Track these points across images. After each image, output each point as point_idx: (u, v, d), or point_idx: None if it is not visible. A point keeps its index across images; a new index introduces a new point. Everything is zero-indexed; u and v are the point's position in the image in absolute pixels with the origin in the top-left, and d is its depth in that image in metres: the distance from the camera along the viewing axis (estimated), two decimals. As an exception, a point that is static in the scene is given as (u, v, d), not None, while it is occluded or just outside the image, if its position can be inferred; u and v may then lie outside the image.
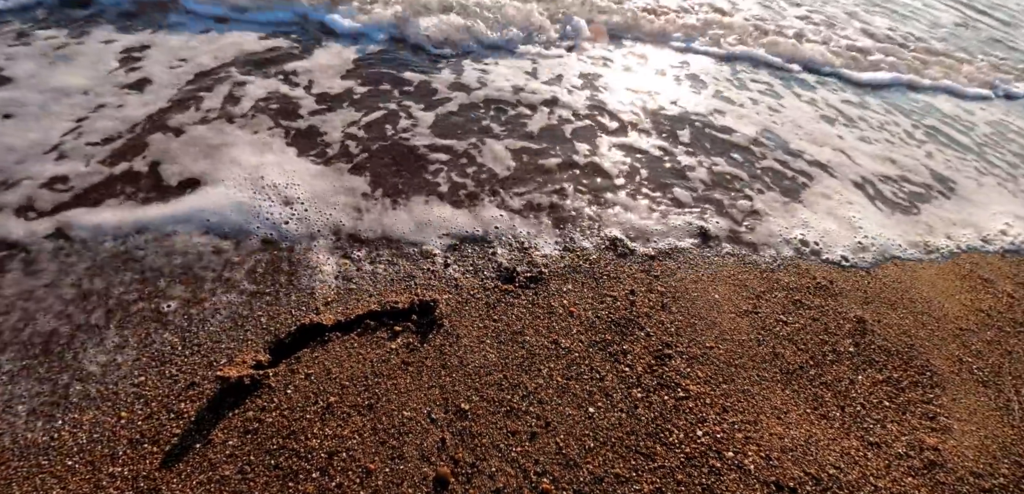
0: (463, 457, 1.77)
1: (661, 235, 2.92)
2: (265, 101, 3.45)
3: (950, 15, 9.10)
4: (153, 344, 1.98)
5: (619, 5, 5.99)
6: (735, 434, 1.98)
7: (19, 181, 2.55)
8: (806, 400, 2.19)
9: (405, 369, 2.02)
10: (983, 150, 4.95)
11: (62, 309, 2.05)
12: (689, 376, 2.17)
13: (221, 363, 1.95)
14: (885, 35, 7.28)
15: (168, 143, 2.94)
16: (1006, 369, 2.55)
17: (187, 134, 3.03)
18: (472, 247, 2.63)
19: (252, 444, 1.73)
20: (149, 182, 2.69)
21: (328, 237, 2.55)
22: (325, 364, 2.00)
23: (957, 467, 2.05)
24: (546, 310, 2.36)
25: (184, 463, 1.66)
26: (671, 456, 1.88)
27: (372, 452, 1.75)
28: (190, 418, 1.78)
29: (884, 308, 2.74)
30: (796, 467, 1.92)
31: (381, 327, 2.17)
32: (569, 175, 3.28)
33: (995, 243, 3.52)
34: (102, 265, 2.24)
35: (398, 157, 3.17)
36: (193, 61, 3.73)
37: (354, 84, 3.82)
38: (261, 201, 2.64)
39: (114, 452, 1.67)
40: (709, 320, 2.45)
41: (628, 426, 1.95)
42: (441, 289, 2.38)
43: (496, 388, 2.00)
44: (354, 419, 1.83)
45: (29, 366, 1.86)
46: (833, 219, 3.35)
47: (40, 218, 2.40)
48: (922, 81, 6.11)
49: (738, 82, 5.12)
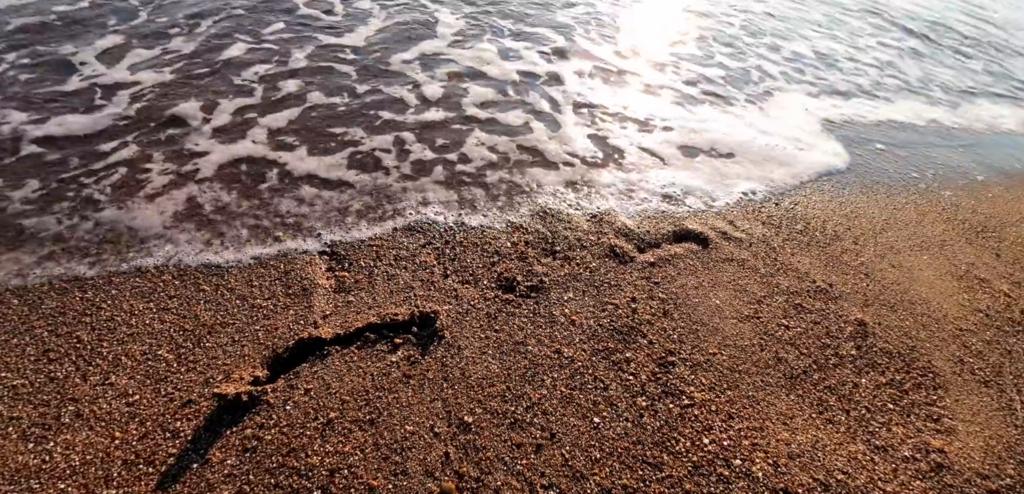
0: (468, 471, 1.74)
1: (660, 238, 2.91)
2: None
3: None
4: (148, 361, 1.94)
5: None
6: (742, 441, 1.96)
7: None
8: (811, 405, 2.18)
9: (406, 382, 1.99)
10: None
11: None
12: (693, 383, 2.15)
13: (218, 380, 1.91)
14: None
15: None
16: (1007, 369, 2.55)
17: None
18: (472, 255, 2.61)
19: (251, 463, 1.69)
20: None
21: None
22: (325, 379, 1.96)
23: (964, 469, 2.04)
24: (548, 319, 2.33)
25: (181, 484, 1.62)
26: (678, 465, 1.85)
27: (375, 469, 1.71)
28: (187, 437, 1.74)
29: (884, 310, 2.74)
30: (804, 473, 1.90)
31: (381, 340, 2.14)
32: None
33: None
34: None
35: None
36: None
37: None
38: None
39: (108, 474, 1.62)
40: (711, 326, 2.44)
41: (634, 436, 1.92)
42: (441, 300, 2.35)
43: (499, 400, 1.97)
44: (355, 435, 1.80)
45: (19, 386, 1.81)
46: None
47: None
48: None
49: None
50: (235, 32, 4.42)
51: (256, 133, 3.26)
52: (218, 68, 3.88)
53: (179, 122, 3.27)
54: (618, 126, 4.00)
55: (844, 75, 5.80)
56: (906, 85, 5.94)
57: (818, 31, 7.04)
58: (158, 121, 3.26)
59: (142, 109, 3.34)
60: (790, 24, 7.03)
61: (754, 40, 6.19)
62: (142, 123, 3.22)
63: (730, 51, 5.76)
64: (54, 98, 3.31)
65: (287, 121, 3.42)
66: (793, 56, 5.99)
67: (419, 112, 3.74)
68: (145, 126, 3.20)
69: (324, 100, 3.70)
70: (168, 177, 2.84)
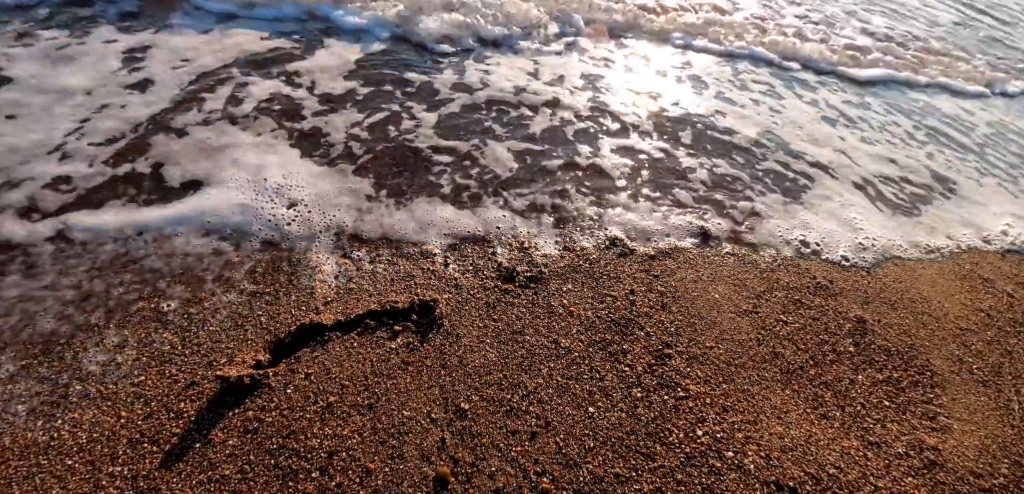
0: (463, 457, 1.77)
1: (661, 235, 2.92)
2: (268, 102, 3.45)
3: (949, 14, 9.10)
4: (153, 343, 1.99)
5: (620, 3, 5.99)
6: (735, 434, 1.98)
7: (21, 181, 2.56)
8: (806, 400, 2.19)
9: (405, 369, 2.02)
10: (983, 150, 4.95)
11: (62, 310, 2.05)
12: (689, 376, 2.17)
13: (221, 363, 1.95)
14: (884, 34, 7.28)
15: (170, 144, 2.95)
16: (1006, 369, 2.54)
17: (190, 136, 3.04)
18: (472, 247, 2.63)
19: (252, 444, 1.73)
20: (151, 184, 2.70)
21: (329, 237, 2.56)
22: (325, 364, 2.00)
23: (957, 467, 2.04)
24: (546, 310, 2.36)
25: (184, 463, 1.67)
26: (671, 456, 1.88)
27: (372, 452, 1.75)
28: (190, 418, 1.78)
29: (884, 308, 2.73)
30: (796, 467, 1.92)
31: (381, 327, 2.17)
32: (570, 176, 3.28)
33: (995, 243, 3.52)
34: (102, 266, 2.24)
35: (400, 158, 3.17)
36: (196, 61, 3.73)
37: (357, 84, 3.82)
38: (263, 202, 2.65)
39: (114, 452, 1.67)
40: (709, 320, 2.45)
41: (628, 426, 1.95)
42: (441, 289, 2.38)
43: (496, 388, 2.00)
44: (354, 419, 1.84)
45: (29, 365, 1.86)
46: (834, 220, 3.35)
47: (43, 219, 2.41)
48: (919, 80, 6.13)
49: (739, 82, 5.12)
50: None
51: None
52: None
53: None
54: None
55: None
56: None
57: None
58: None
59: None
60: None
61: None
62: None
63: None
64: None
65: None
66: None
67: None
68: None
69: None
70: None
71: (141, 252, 2.33)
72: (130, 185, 2.67)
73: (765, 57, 5.71)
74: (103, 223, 2.43)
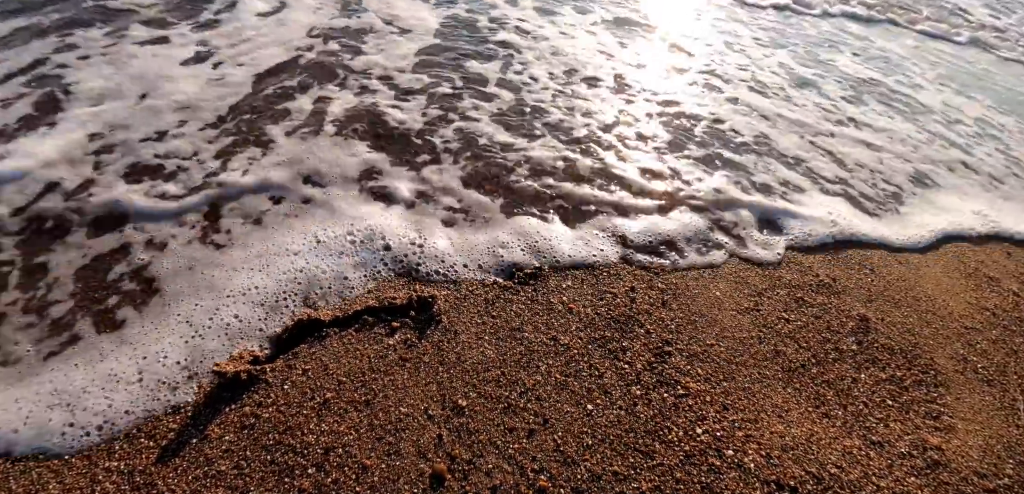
0: (460, 454, 1.76)
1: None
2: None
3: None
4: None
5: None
6: (735, 432, 1.96)
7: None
8: (808, 399, 2.17)
9: (402, 365, 2.01)
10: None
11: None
12: (689, 374, 2.15)
13: (218, 358, 1.95)
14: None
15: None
16: (1011, 368, 2.51)
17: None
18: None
19: (248, 439, 1.73)
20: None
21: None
22: (322, 360, 1.99)
23: (961, 467, 2.02)
24: (545, 307, 2.34)
25: (180, 458, 1.66)
26: (670, 454, 1.86)
27: (369, 448, 1.74)
28: (186, 413, 1.78)
29: (888, 306, 2.71)
30: (797, 466, 1.90)
31: (379, 323, 2.16)
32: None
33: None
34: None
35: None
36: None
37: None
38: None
39: (110, 447, 1.67)
40: (710, 317, 2.43)
41: (627, 424, 1.93)
42: (439, 285, 2.36)
43: (494, 385, 1.99)
44: (351, 415, 1.83)
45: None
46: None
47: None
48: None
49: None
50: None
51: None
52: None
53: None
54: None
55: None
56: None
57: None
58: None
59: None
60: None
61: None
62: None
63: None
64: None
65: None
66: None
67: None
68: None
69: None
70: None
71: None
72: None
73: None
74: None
